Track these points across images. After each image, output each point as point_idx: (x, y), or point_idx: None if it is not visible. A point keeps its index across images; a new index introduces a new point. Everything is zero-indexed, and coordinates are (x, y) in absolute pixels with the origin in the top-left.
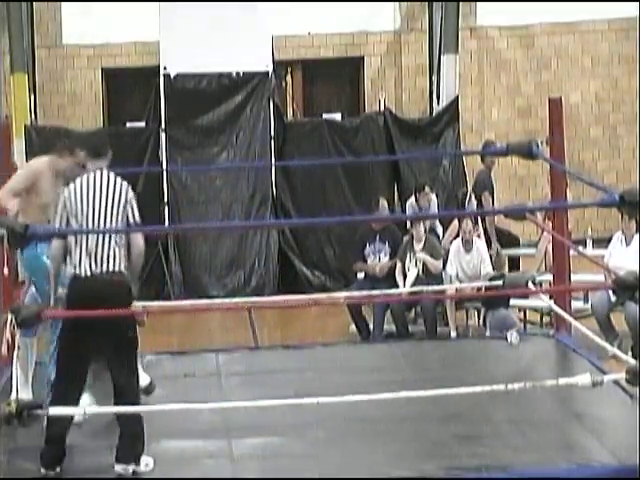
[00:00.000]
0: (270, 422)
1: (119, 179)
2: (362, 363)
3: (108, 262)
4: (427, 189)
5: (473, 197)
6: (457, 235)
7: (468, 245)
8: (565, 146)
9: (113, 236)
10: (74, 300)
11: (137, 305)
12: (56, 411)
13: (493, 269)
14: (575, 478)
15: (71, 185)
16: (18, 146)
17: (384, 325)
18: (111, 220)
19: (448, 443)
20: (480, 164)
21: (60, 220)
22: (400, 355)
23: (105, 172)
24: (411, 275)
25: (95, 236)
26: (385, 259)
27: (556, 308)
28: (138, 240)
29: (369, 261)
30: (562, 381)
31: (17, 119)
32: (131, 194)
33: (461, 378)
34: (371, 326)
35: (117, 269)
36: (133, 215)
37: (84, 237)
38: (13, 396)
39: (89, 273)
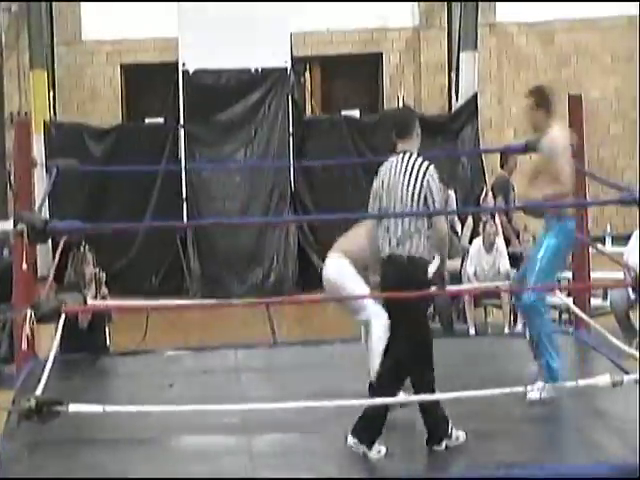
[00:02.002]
0: (288, 419)
1: (423, 162)
2: None
3: (406, 244)
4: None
5: (490, 196)
6: (474, 234)
7: (490, 247)
8: (584, 143)
9: (413, 220)
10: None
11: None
12: (75, 408)
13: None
14: (594, 475)
15: (383, 166)
16: (38, 142)
17: None
18: (412, 204)
19: (467, 442)
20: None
21: (373, 202)
22: None
23: (409, 154)
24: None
25: (398, 219)
26: None
27: (573, 307)
28: (441, 224)
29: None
30: (582, 382)
31: (37, 115)
32: (432, 178)
33: (480, 375)
34: None
35: (415, 252)
36: (433, 199)
37: (389, 220)
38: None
39: (384, 256)
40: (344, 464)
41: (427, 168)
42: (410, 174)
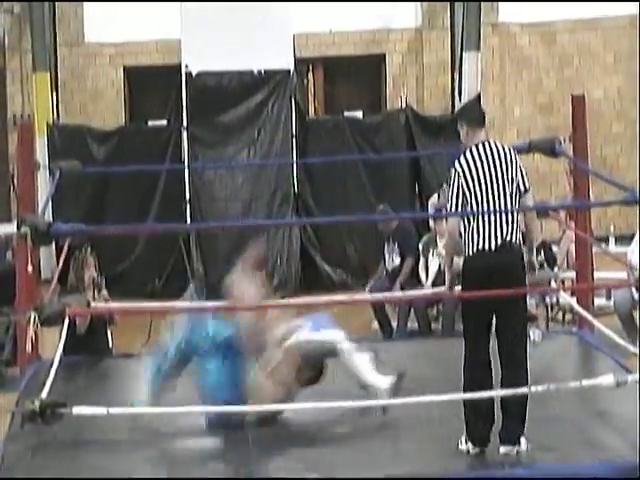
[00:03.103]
0: (287, 420)
1: (506, 146)
2: (383, 361)
3: (508, 234)
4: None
5: None
6: None
7: None
8: (587, 143)
9: (513, 206)
10: (476, 275)
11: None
12: (78, 410)
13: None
14: (597, 475)
15: (461, 159)
16: (40, 145)
17: (408, 323)
18: (510, 192)
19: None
20: None
21: (456, 197)
22: (422, 353)
23: (492, 142)
24: (432, 270)
25: (497, 208)
26: (397, 259)
27: (577, 306)
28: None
29: (386, 261)
30: (586, 382)
31: (39, 117)
32: (520, 161)
33: None
34: (394, 323)
35: (515, 241)
36: (524, 182)
37: (486, 210)
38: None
39: (492, 247)
40: (343, 466)
41: (514, 149)
42: (506, 159)
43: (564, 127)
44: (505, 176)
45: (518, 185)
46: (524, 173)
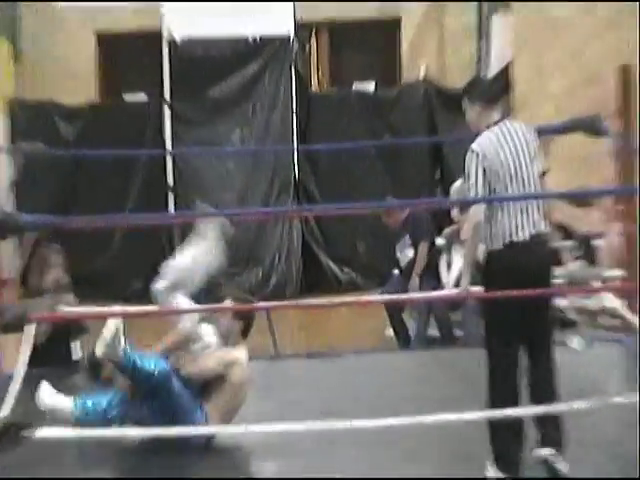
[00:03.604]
0: (291, 442)
1: (524, 125)
2: (399, 374)
3: (539, 222)
4: None
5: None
6: None
7: None
8: (637, 120)
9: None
10: (508, 269)
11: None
12: (44, 432)
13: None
14: None
15: (482, 141)
16: (1, 124)
17: (427, 329)
18: (535, 176)
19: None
20: None
21: (483, 184)
22: (442, 364)
23: (510, 122)
24: (455, 268)
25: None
26: (411, 252)
27: (624, 310)
28: None
29: (399, 259)
30: (631, 398)
31: None
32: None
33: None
34: (410, 331)
35: (543, 229)
36: (540, 166)
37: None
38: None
39: (526, 236)
40: None
41: (534, 130)
42: (527, 140)
43: (610, 102)
44: (530, 159)
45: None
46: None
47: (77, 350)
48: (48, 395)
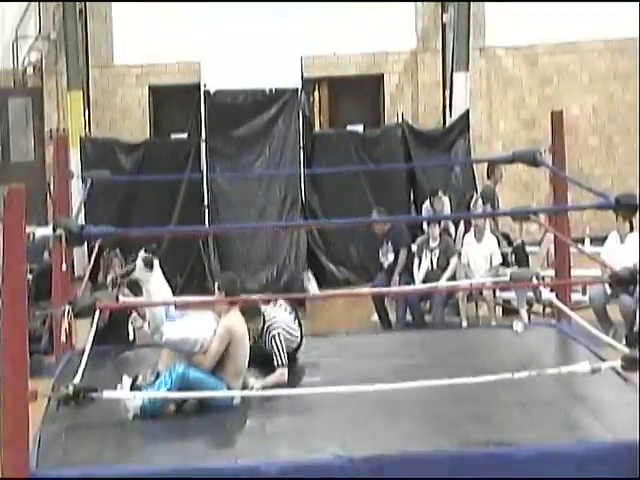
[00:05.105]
0: (299, 403)
1: None
2: (382, 350)
3: None
4: (440, 193)
5: (480, 202)
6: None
7: (479, 234)
8: (565, 154)
9: None
10: None
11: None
12: (108, 394)
13: (514, 265)
14: (575, 453)
15: None
16: (74, 156)
17: (405, 315)
18: None
19: (460, 422)
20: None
21: None
22: (416, 342)
23: None
24: (422, 269)
25: None
26: (391, 256)
27: (556, 301)
28: None
29: (381, 260)
30: (564, 369)
31: (73, 132)
32: None
33: (472, 363)
34: (391, 316)
35: None
36: None
37: None
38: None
39: None
40: (348, 443)
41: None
42: None
43: (545, 140)
44: None
45: None
46: None
47: (132, 332)
48: (125, 387)
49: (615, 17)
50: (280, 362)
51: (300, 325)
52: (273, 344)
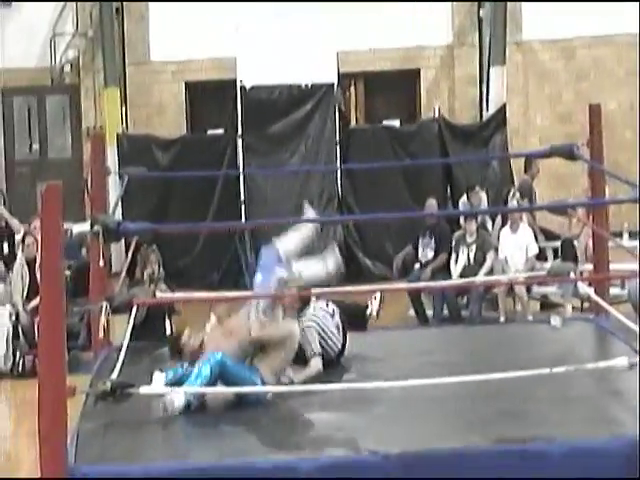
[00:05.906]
0: (334, 399)
1: None
2: (418, 345)
3: None
4: (477, 188)
5: (519, 195)
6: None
7: (515, 225)
8: (603, 148)
9: None
10: None
11: None
12: (145, 390)
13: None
14: (611, 449)
15: None
16: (111, 153)
17: (442, 311)
18: None
19: (494, 418)
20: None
21: None
22: (453, 338)
23: None
24: (459, 264)
25: None
26: (431, 253)
27: (594, 295)
28: None
29: (419, 253)
30: (602, 364)
31: (110, 128)
32: None
33: (508, 359)
34: (428, 311)
35: None
36: None
37: None
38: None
39: None
40: (383, 439)
41: None
42: None
43: (581, 134)
44: None
45: None
46: None
47: (169, 327)
48: (157, 384)
49: None
50: (312, 351)
51: (345, 335)
52: (305, 334)
